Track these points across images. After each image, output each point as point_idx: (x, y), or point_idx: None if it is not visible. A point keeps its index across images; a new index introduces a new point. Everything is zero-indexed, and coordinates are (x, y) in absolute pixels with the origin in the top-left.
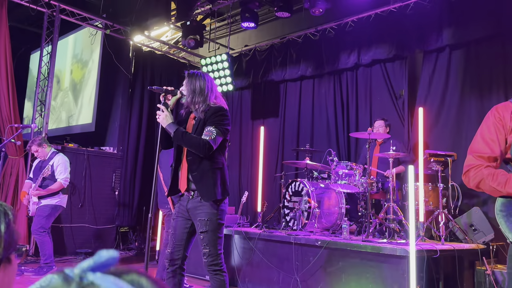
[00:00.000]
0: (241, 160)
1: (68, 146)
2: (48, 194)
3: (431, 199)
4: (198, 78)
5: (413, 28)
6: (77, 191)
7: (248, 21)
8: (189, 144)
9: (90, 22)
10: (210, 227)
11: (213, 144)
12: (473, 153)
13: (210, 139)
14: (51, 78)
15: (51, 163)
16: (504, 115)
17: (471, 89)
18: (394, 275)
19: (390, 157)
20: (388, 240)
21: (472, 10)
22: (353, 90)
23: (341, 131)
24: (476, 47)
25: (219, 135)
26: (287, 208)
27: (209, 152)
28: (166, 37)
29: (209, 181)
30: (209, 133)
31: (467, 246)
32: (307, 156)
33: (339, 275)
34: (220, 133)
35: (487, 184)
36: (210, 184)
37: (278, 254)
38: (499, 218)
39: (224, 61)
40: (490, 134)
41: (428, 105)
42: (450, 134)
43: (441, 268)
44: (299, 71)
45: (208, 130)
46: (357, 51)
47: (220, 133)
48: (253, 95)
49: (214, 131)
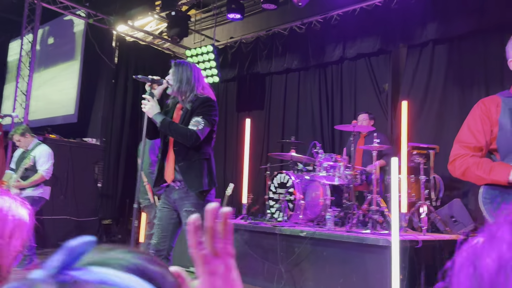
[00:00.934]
0: (226, 152)
1: (49, 137)
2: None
3: (414, 191)
4: (185, 68)
5: (398, 22)
6: (59, 182)
7: (234, 12)
8: (176, 134)
9: (73, 11)
10: None
11: (200, 134)
12: (460, 143)
13: (198, 130)
14: (32, 68)
15: (33, 154)
16: (490, 108)
17: (453, 84)
18: (377, 265)
19: (373, 149)
20: (371, 231)
21: (456, 6)
22: (338, 83)
23: (326, 124)
24: (459, 43)
25: (206, 125)
26: (272, 200)
27: (196, 142)
28: (150, 27)
29: (196, 172)
30: (197, 124)
31: (448, 237)
32: (292, 148)
33: (323, 265)
34: (208, 124)
35: (472, 172)
36: (197, 174)
37: (263, 245)
38: (484, 205)
39: (210, 53)
40: (476, 126)
41: (411, 99)
42: (433, 127)
43: (422, 258)
44: (285, 63)
45: (196, 120)
46: (342, 45)
47: (207, 123)
48: (238, 87)
49: (202, 121)
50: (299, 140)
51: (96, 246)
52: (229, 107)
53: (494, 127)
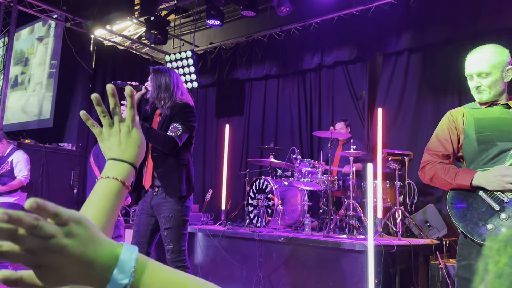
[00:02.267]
0: (206, 157)
1: (24, 142)
2: (6, 191)
3: (389, 196)
4: (163, 74)
5: (374, 31)
6: (34, 188)
7: (213, 18)
8: (154, 140)
9: (50, 15)
10: (174, 224)
11: (179, 140)
12: (429, 151)
13: (176, 136)
14: (7, 72)
15: (10, 160)
16: (457, 118)
17: (427, 92)
18: (353, 269)
19: (350, 155)
20: (348, 235)
21: (430, 16)
22: (316, 90)
23: (305, 130)
24: (432, 51)
25: (185, 131)
26: (251, 206)
27: (175, 148)
28: (128, 32)
29: (174, 178)
30: (175, 130)
31: (422, 242)
32: (271, 154)
33: (300, 270)
34: (186, 130)
35: (439, 177)
36: (175, 180)
37: (241, 251)
38: (450, 210)
39: (189, 58)
40: (444, 135)
41: (387, 106)
42: (407, 134)
43: (397, 262)
44: (264, 70)
45: (174, 126)
46: (320, 52)
47: (186, 129)
48: (218, 93)
49: (180, 127)
50: (278, 146)
51: None
52: (209, 112)
53: (460, 136)
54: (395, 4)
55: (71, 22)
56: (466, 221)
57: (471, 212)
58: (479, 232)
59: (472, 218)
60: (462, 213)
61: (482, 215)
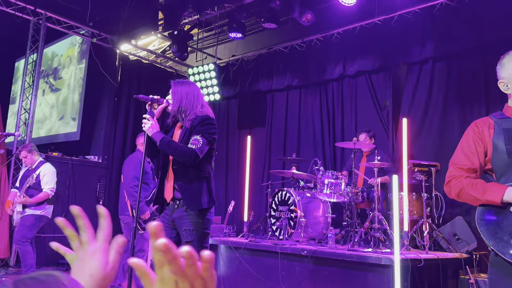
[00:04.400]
0: (228, 169)
1: (52, 155)
2: (33, 203)
3: (415, 209)
4: (184, 87)
5: (397, 40)
6: (61, 200)
7: (235, 31)
8: (175, 152)
9: (77, 31)
10: (196, 237)
11: (200, 153)
12: (454, 165)
13: (196, 148)
14: (36, 87)
15: (38, 172)
16: (483, 129)
17: (453, 101)
18: (379, 284)
19: (374, 166)
20: (373, 249)
21: (454, 24)
22: (339, 101)
23: (327, 141)
24: (458, 60)
25: (205, 144)
26: (273, 218)
27: (195, 160)
28: (153, 46)
29: (195, 190)
30: (196, 142)
31: (451, 255)
32: (293, 166)
33: (324, 285)
34: (207, 142)
35: (467, 193)
36: (196, 193)
37: (264, 264)
38: (480, 227)
39: (211, 71)
40: (470, 147)
41: (412, 116)
42: (433, 145)
43: (425, 277)
44: (286, 81)
45: (195, 139)
46: (342, 62)
47: (206, 142)
48: (240, 104)
49: (201, 140)
50: (301, 157)
51: None
52: (231, 124)
53: (488, 147)
54: (419, 12)
55: (97, 37)
56: (497, 239)
57: (502, 229)
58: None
59: (503, 236)
60: (492, 231)
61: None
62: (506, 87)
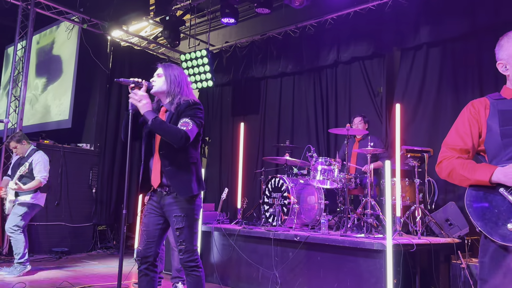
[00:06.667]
0: (221, 156)
1: (43, 142)
2: (25, 191)
3: (408, 194)
4: (173, 70)
5: (391, 26)
6: (53, 188)
7: (228, 16)
8: (166, 133)
9: (67, 16)
10: (187, 223)
11: (190, 135)
12: (447, 146)
13: (187, 130)
14: (25, 73)
15: (30, 161)
16: (479, 109)
17: (447, 86)
18: (372, 269)
19: (367, 153)
20: (366, 235)
21: (448, 9)
22: (333, 87)
23: (321, 128)
24: (452, 45)
25: (195, 127)
26: (267, 204)
27: (186, 143)
28: (145, 32)
29: (184, 177)
30: (186, 125)
31: (443, 241)
32: (287, 152)
33: (317, 270)
34: (196, 126)
35: (457, 173)
36: (186, 179)
37: (257, 250)
38: (468, 208)
39: (204, 57)
40: (464, 128)
41: (406, 102)
42: (427, 130)
43: (417, 262)
44: (280, 67)
45: (184, 121)
46: (336, 49)
47: (196, 125)
48: (233, 91)
49: (191, 122)
50: (294, 144)
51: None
52: (224, 111)
53: (482, 129)
54: None
55: (88, 23)
56: (485, 220)
57: (491, 210)
58: (499, 233)
59: (491, 217)
60: (480, 212)
61: (502, 214)
62: (504, 68)
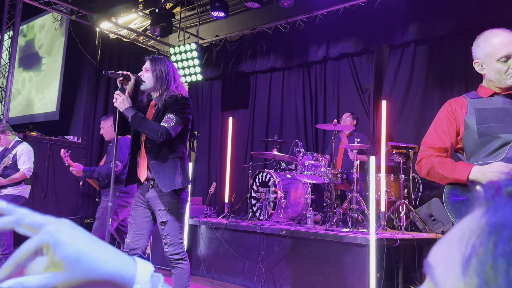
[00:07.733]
0: (210, 150)
1: (30, 134)
2: (9, 183)
3: (393, 190)
4: (162, 63)
5: (380, 23)
6: (40, 181)
7: (217, 10)
8: (146, 130)
9: (55, 7)
10: (171, 217)
11: (172, 131)
12: (426, 145)
13: (169, 126)
14: (12, 64)
15: (14, 152)
16: (456, 108)
17: (434, 84)
18: (355, 263)
19: (354, 148)
20: (350, 229)
21: (437, 7)
22: (322, 83)
23: (309, 123)
24: (440, 43)
25: (178, 123)
26: (254, 199)
27: (167, 139)
28: (134, 25)
29: (169, 170)
30: (169, 120)
31: (426, 236)
32: (275, 147)
33: (302, 264)
34: (180, 121)
35: (435, 172)
36: (170, 173)
37: (244, 244)
38: (447, 205)
39: (194, 51)
40: (442, 127)
41: (393, 99)
42: (413, 127)
43: (401, 256)
44: (269, 63)
45: (168, 117)
46: (326, 44)
47: (180, 121)
48: (223, 86)
49: (174, 118)
50: (283, 139)
51: None
52: (214, 106)
53: (460, 127)
54: None
55: (76, 15)
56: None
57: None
58: None
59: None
60: (458, 209)
61: None
62: (481, 67)
